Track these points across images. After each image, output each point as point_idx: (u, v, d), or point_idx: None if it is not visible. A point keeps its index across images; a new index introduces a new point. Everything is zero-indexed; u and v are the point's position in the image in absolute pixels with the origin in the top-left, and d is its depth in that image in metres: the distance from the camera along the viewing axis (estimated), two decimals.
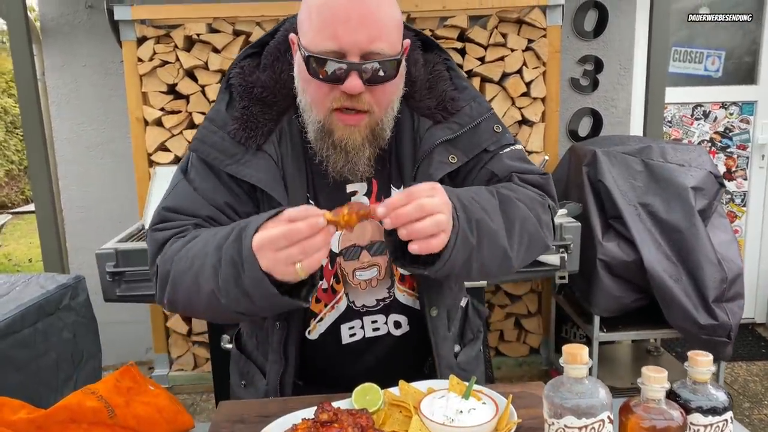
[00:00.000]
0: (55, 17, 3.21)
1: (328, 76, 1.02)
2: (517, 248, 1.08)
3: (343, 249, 1.17)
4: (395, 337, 1.22)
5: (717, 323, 2.42)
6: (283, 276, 0.92)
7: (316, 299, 1.19)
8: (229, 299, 0.98)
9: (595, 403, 0.80)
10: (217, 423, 1.04)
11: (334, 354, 1.21)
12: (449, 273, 1.01)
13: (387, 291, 1.20)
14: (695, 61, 3.60)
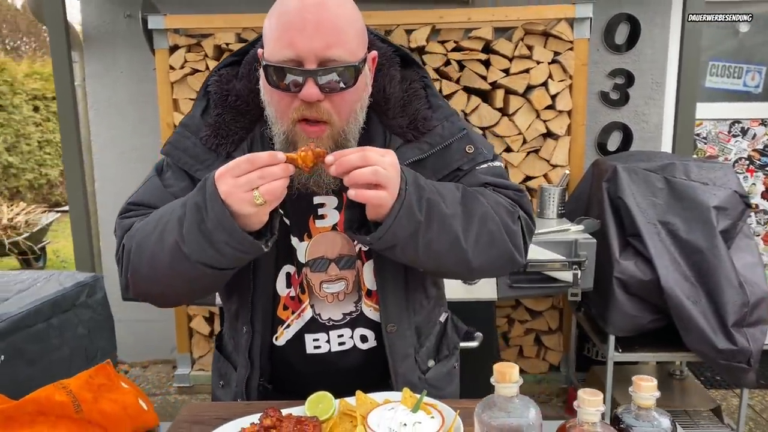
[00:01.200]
0: (96, 25, 3.36)
1: (286, 86, 1.03)
2: (474, 241, 1.07)
3: (311, 260, 1.18)
4: (361, 350, 1.23)
5: (736, 348, 2.33)
6: (241, 205, 0.95)
7: (283, 306, 1.21)
8: (191, 248, 1.00)
9: (522, 422, 0.80)
10: (178, 422, 1.08)
11: (299, 362, 1.23)
12: (392, 244, 1.02)
13: (354, 305, 1.21)
14: (734, 76, 3.49)
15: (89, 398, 1.08)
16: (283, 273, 1.20)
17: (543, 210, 2.85)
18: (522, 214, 1.18)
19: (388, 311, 1.19)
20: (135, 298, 1.18)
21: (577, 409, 0.82)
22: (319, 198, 1.17)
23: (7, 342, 1.78)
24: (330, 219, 1.18)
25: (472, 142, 1.20)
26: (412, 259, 1.08)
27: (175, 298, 1.21)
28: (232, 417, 1.05)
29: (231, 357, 1.32)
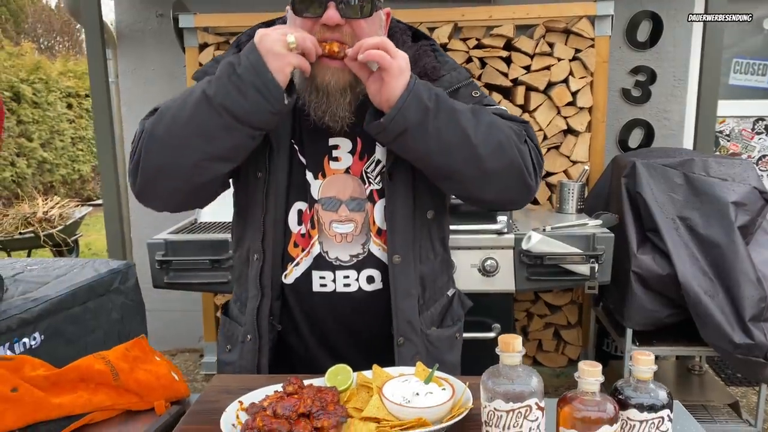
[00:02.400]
0: (129, 24, 3.48)
1: (308, 10, 1.13)
2: (483, 140, 1.13)
3: (323, 198, 1.25)
4: (366, 292, 1.28)
5: (753, 343, 2.34)
6: (274, 44, 1.05)
7: (294, 243, 1.27)
8: (217, 90, 1.06)
9: (524, 389, 0.86)
10: (207, 393, 1.16)
11: (307, 300, 1.29)
12: (404, 128, 1.09)
13: (361, 247, 1.26)
14: (758, 74, 3.48)
15: (126, 368, 1.17)
16: (294, 209, 1.27)
17: (562, 205, 2.90)
18: (529, 140, 1.23)
19: (395, 243, 1.24)
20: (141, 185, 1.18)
21: (578, 380, 0.88)
22: (334, 139, 1.25)
23: (48, 322, 1.89)
24: (344, 162, 1.26)
25: (478, 89, 1.29)
26: (424, 150, 1.12)
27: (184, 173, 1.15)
28: (258, 387, 1.12)
29: (238, 318, 1.38)
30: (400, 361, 1.27)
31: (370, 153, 1.26)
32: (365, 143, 1.26)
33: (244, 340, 1.31)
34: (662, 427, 0.89)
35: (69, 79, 9.25)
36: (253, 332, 1.29)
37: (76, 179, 9.44)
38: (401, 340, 1.28)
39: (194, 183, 1.17)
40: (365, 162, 1.26)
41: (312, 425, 0.94)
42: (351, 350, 1.31)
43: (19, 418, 1.04)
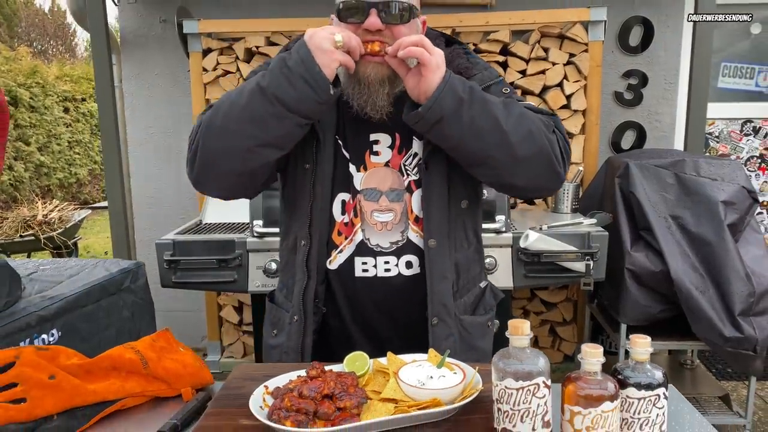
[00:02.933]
0: (133, 30, 3.55)
1: (353, 16, 1.25)
2: (514, 128, 1.21)
3: (365, 189, 1.36)
4: (405, 276, 1.37)
5: (742, 336, 2.43)
6: (322, 41, 1.16)
7: (338, 232, 1.37)
8: (270, 82, 1.18)
9: (532, 369, 0.93)
10: (232, 379, 1.23)
11: (350, 285, 1.38)
12: (440, 116, 1.18)
13: (401, 234, 1.36)
14: (746, 77, 3.58)
15: (154, 357, 1.24)
16: (338, 200, 1.38)
17: (558, 205, 2.99)
18: (557, 129, 1.31)
19: (431, 228, 1.33)
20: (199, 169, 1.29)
21: (581, 361, 0.96)
22: (374, 135, 1.36)
23: (64, 319, 1.95)
24: (384, 156, 1.37)
25: (508, 86, 1.38)
26: (458, 136, 1.21)
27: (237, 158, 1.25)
28: (280, 374, 1.19)
29: (284, 304, 1.47)
30: (434, 341, 1.35)
31: (408, 147, 1.36)
32: (403, 138, 1.36)
33: (291, 322, 1.40)
34: (658, 404, 0.97)
35: (65, 83, 9.28)
36: (299, 314, 1.38)
37: (73, 183, 9.46)
38: (435, 320, 1.36)
39: (246, 167, 1.27)
40: (403, 156, 1.37)
41: (335, 405, 1.01)
42: (389, 333, 1.40)
43: (58, 403, 1.11)
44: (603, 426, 0.92)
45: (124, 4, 3.52)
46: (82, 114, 9.66)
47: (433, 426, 1.04)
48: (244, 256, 2.59)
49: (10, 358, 1.14)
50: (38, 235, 5.41)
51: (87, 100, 9.82)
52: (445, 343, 1.36)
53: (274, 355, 1.46)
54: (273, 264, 2.56)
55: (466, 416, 1.06)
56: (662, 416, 0.98)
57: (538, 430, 0.94)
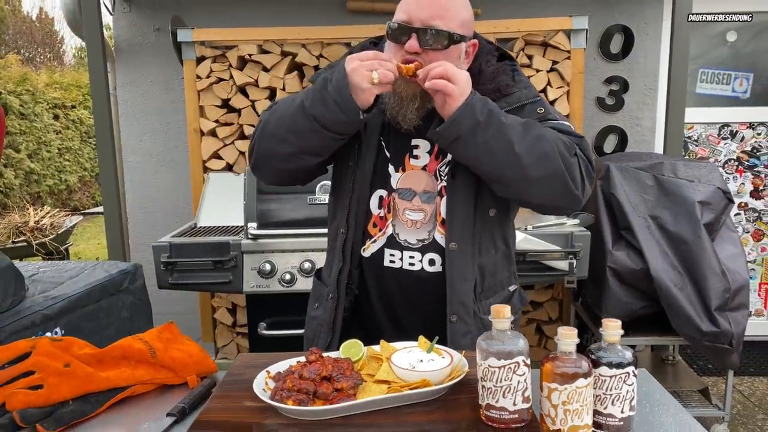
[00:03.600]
0: (127, 38, 3.62)
1: (397, 36, 1.39)
2: (527, 151, 1.31)
3: (400, 188, 1.49)
4: (428, 273, 1.49)
5: (719, 330, 2.54)
6: (361, 80, 1.29)
7: (373, 224, 1.51)
8: (310, 102, 1.35)
9: (512, 349, 1.03)
10: (235, 367, 1.31)
11: (379, 273, 1.52)
12: (456, 136, 1.31)
13: (428, 234, 1.48)
14: (723, 83, 3.71)
15: (161, 347, 1.32)
16: (376, 195, 1.51)
17: None
18: (580, 153, 1.39)
19: (453, 232, 1.45)
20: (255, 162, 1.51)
21: (557, 342, 1.05)
22: (416, 140, 1.49)
23: (67, 318, 2.02)
24: (422, 160, 1.49)
25: (545, 106, 1.47)
26: (473, 156, 1.34)
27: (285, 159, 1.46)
28: (280, 361, 1.28)
29: (326, 281, 1.60)
30: (453, 337, 1.46)
31: (445, 154, 1.47)
32: None
33: (328, 298, 1.56)
34: (628, 381, 1.07)
35: (55, 90, 9.30)
36: (334, 292, 1.54)
37: (63, 189, 9.48)
38: (454, 318, 1.47)
39: (291, 167, 1.48)
40: (440, 162, 1.48)
41: (333, 386, 1.10)
42: (410, 321, 1.53)
43: (73, 389, 1.19)
44: (578, 401, 1.01)
45: (119, 12, 3.60)
46: (71, 121, 9.69)
47: (424, 405, 1.12)
48: (239, 258, 2.67)
49: (27, 348, 1.22)
50: (30, 241, 5.46)
51: (77, 107, 9.85)
52: (463, 340, 1.46)
53: (312, 326, 1.61)
54: (267, 265, 2.64)
55: (453, 396, 1.15)
56: (632, 392, 1.07)
57: (518, 404, 1.03)
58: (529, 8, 3.43)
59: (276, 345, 2.68)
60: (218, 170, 3.35)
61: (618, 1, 3.48)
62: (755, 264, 3.84)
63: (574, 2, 3.47)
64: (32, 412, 1.13)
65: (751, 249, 3.83)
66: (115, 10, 3.59)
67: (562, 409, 1.01)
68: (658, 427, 1.13)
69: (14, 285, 1.89)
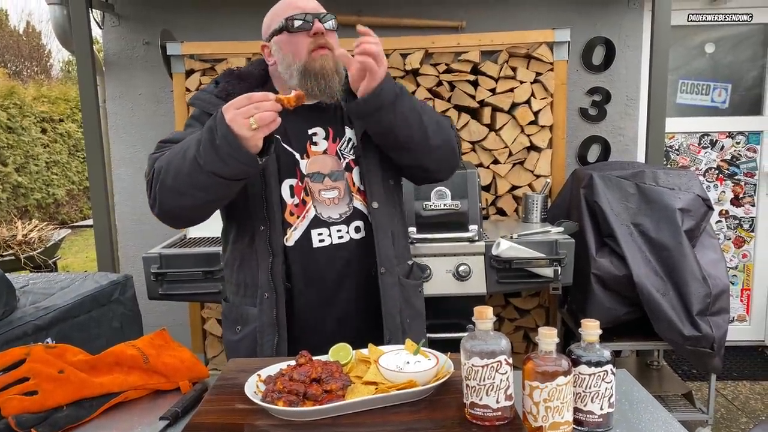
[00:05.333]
0: (116, 52, 3.66)
1: (300, 26, 1.51)
2: (429, 120, 1.54)
3: (310, 173, 1.59)
4: (356, 240, 1.61)
5: (700, 335, 2.59)
6: (241, 129, 1.30)
7: (289, 212, 1.58)
8: (205, 159, 1.34)
9: (495, 348, 1.07)
10: (226, 372, 1.34)
11: (308, 257, 1.58)
12: (379, 105, 1.44)
13: (347, 206, 1.61)
14: (702, 93, 3.80)
15: (153, 353, 1.35)
16: (286, 185, 1.58)
17: (527, 215, 3.14)
18: (454, 128, 1.68)
19: (372, 193, 1.60)
20: (161, 216, 1.51)
21: (538, 342, 1.10)
22: (312, 129, 1.61)
23: (58, 329, 2.03)
24: (321, 146, 1.61)
25: None
26: (392, 124, 1.48)
27: (194, 210, 1.49)
28: (271, 366, 1.31)
29: (243, 302, 1.63)
30: (384, 290, 1.58)
31: (340, 135, 1.63)
32: (336, 130, 1.63)
33: (262, 300, 1.56)
34: (607, 379, 1.11)
35: (43, 104, 9.29)
36: (269, 290, 1.55)
37: (50, 203, 9.43)
38: (383, 269, 1.60)
39: (202, 214, 1.53)
40: (338, 143, 1.63)
41: (323, 388, 1.13)
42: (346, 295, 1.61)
43: (67, 395, 1.21)
44: (558, 398, 1.06)
45: (109, 26, 3.63)
46: (59, 134, 9.67)
47: (411, 405, 1.16)
48: None
49: (22, 356, 1.25)
50: (18, 255, 5.42)
51: (65, 121, 9.84)
52: (392, 291, 1.59)
53: (242, 349, 1.61)
54: None
55: (439, 396, 1.19)
56: (611, 390, 1.11)
57: (501, 402, 1.07)
58: (513, 21, 3.51)
59: None
60: None
61: (599, 14, 3.57)
62: (737, 270, 3.92)
63: (557, 15, 3.55)
64: (27, 417, 1.16)
65: (732, 255, 3.90)
66: (105, 23, 3.63)
67: (543, 407, 1.06)
68: (636, 424, 1.17)
69: (5, 295, 1.90)
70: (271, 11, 1.59)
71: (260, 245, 1.56)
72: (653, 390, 3.03)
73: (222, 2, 3.58)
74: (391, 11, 3.55)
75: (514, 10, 3.57)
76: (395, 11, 3.54)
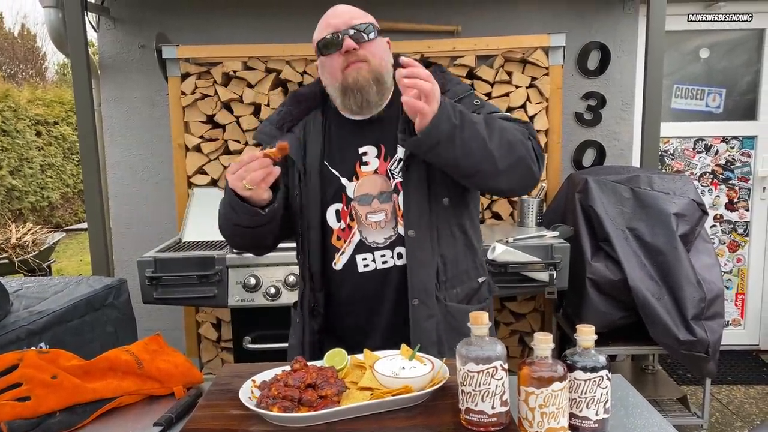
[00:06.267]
0: (111, 55, 3.65)
1: (331, 47, 1.49)
2: (497, 144, 1.41)
3: (358, 196, 1.56)
4: (399, 266, 1.55)
5: (695, 339, 2.60)
6: (240, 191, 1.40)
7: (336, 237, 1.58)
8: (227, 212, 1.50)
9: (491, 354, 1.06)
10: (220, 377, 1.34)
11: (354, 281, 1.57)
12: (437, 141, 1.36)
13: (392, 230, 1.55)
14: (697, 98, 3.82)
15: (147, 358, 1.34)
16: (332, 210, 1.57)
17: (523, 219, 3.15)
18: (531, 136, 1.52)
19: (410, 220, 1.52)
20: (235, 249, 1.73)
21: (534, 347, 1.10)
22: (362, 148, 1.57)
23: (52, 333, 2.02)
24: (372, 165, 1.56)
25: (479, 98, 1.61)
26: (453, 157, 1.40)
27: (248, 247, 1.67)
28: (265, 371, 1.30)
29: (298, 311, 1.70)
30: (415, 320, 1.53)
31: (392, 154, 1.56)
32: (387, 147, 1.56)
33: (294, 324, 1.69)
34: (602, 384, 1.11)
35: (37, 107, 9.26)
36: (300, 316, 1.64)
37: (45, 206, 9.40)
38: (416, 301, 1.53)
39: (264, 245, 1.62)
40: (389, 162, 1.56)
41: (318, 393, 1.13)
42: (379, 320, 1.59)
43: (60, 401, 1.21)
44: (554, 404, 1.05)
45: (104, 29, 3.62)
46: (54, 137, 9.64)
47: (406, 410, 1.16)
48: (224, 272, 2.69)
49: (14, 361, 1.24)
50: (12, 258, 5.40)
51: (59, 124, 9.81)
52: (426, 323, 1.53)
53: (289, 352, 1.72)
54: (252, 279, 2.67)
55: (435, 402, 1.19)
56: (606, 395, 1.11)
57: (497, 408, 1.07)
58: (509, 26, 3.52)
59: (261, 359, 2.69)
60: (203, 185, 3.37)
61: (594, 19, 3.58)
62: (731, 275, 3.93)
63: (552, 20, 3.56)
64: (20, 423, 1.15)
65: (727, 260, 3.91)
66: (100, 26, 3.62)
67: (539, 412, 1.05)
68: (632, 430, 1.17)
69: None
70: (317, 28, 1.57)
71: (300, 272, 1.64)
72: (648, 394, 3.03)
73: (218, 5, 3.58)
74: (386, 15, 3.55)
75: (510, 14, 3.58)
76: (391, 15, 3.55)
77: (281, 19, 3.55)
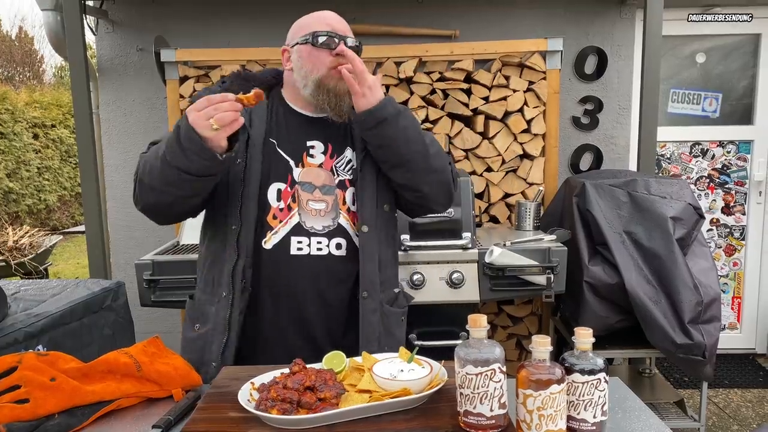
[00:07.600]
0: (110, 58, 3.65)
1: (326, 43, 1.55)
2: (430, 143, 1.59)
3: (302, 181, 1.60)
4: (335, 256, 1.60)
5: (692, 342, 2.61)
6: (203, 129, 1.35)
7: (273, 216, 1.58)
8: (171, 155, 1.40)
9: (489, 356, 1.07)
10: (219, 380, 1.34)
11: (283, 263, 1.57)
12: (384, 117, 1.50)
13: (332, 221, 1.60)
14: (693, 103, 3.83)
15: (146, 361, 1.34)
16: (274, 188, 1.59)
17: (520, 222, 3.15)
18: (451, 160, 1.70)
19: (364, 216, 1.60)
20: (143, 211, 1.58)
21: (532, 350, 1.10)
22: (311, 142, 1.64)
23: (50, 336, 2.02)
24: (317, 159, 1.63)
25: None
26: (393, 137, 1.53)
27: (171, 206, 1.53)
28: (264, 374, 1.31)
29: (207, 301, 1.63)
30: (364, 314, 1.57)
31: (339, 153, 1.65)
32: (335, 146, 1.65)
33: (220, 299, 1.58)
34: (600, 387, 1.11)
35: (35, 109, 9.25)
36: (228, 289, 1.56)
37: (42, 209, 9.39)
38: (365, 294, 1.59)
39: (177, 211, 1.57)
40: (335, 160, 1.64)
41: (317, 396, 1.13)
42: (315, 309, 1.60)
43: (58, 403, 1.21)
44: (552, 406, 1.06)
45: (102, 32, 3.63)
46: (51, 140, 9.63)
47: (405, 413, 1.16)
48: None
49: (13, 363, 1.24)
50: (9, 261, 5.39)
51: (57, 127, 9.80)
52: (372, 317, 1.58)
53: (196, 348, 1.61)
54: None
55: (433, 404, 1.19)
56: (603, 398, 1.12)
57: (495, 410, 1.07)
58: (506, 30, 3.54)
59: None
60: None
61: (591, 24, 3.60)
62: (728, 278, 3.94)
63: (550, 24, 3.58)
64: (18, 425, 1.15)
65: (723, 264, 3.93)
66: (98, 30, 3.63)
67: (537, 415, 1.06)
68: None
69: None
70: (302, 20, 1.63)
71: (229, 243, 1.57)
72: (645, 397, 3.03)
73: (216, 9, 3.59)
74: (385, 19, 3.56)
75: (508, 19, 3.59)
76: (389, 19, 3.56)
77: (279, 23, 3.54)
